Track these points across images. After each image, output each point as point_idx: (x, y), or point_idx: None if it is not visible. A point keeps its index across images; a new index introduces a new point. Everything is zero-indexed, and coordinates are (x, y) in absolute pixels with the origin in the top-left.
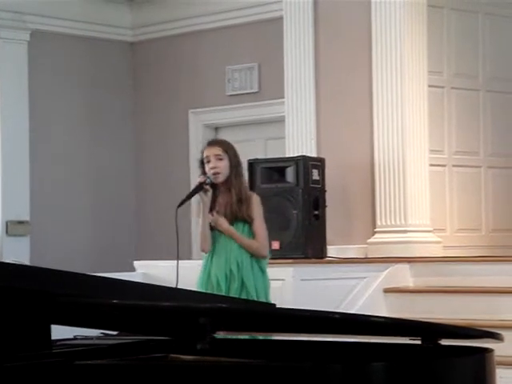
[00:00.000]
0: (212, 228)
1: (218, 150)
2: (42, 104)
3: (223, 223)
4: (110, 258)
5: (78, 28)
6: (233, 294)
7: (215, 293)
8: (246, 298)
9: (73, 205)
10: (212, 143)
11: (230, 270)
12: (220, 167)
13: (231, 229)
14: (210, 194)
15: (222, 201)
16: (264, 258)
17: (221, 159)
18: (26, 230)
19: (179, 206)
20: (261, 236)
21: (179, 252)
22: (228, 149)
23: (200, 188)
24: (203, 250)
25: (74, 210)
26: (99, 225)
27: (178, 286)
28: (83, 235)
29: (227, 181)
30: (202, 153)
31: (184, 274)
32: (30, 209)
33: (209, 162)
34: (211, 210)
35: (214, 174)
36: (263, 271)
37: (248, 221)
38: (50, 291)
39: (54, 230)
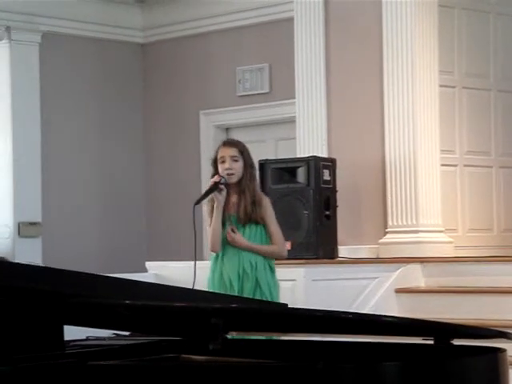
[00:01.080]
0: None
1: (233, 151)
2: (53, 105)
3: (240, 240)
4: (121, 258)
5: (89, 30)
6: (246, 293)
7: (228, 293)
8: (259, 297)
9: (84, 206)
10: (228, 144)
11: (244, 270)
12: (235, 168)
13: (249, 244)
14: (224, 193)
15: (233, 202)
16: (284, 258)
17: (236, 160)
18: (37, 231)
19: (196, 203)
20: (278, 238)
21: (191, 253)
22: (244, 150)
23: (215, 187)
24: (214, 250)
25: (86, 211)
26: (110, 226)
27: (190, 287)
28: (95, 236)
29: (240, 182)
30: (217, 152)
31: (196, 274)
32: (42, 210)
33: (223, 162)
34: (224, 211)
35: (229, 174)
36: (273, 271)
37: (260, 223)
38: (63, 292)
39: (65, 231)
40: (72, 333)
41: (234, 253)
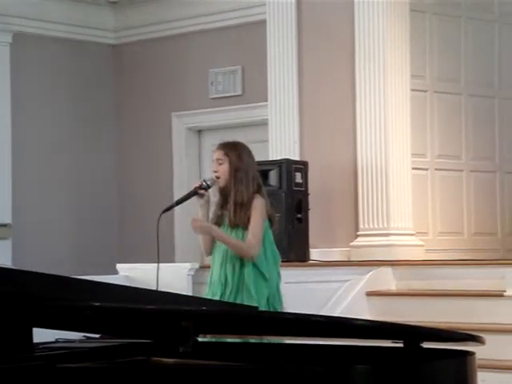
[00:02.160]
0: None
1: (219, 154)
2: (24, 106)
3: (204, 228)
4: (92, 260)
5: (61, 30)
6: (226, 298)
7: (214, 296)
8: (241, 302)
9: (55, 207)
10: (217, 146)
11: (225, 275)
12: (220, 171)
13: (215, 231)
14: (206, 198)
15: (229, 205)
16: (253, 257)
17: (221, 163)
18: (7, 232)
19: (164, 211)
20: (251, 237)
21: (162, 255)
22: (230, 152)
23: (193, 193)
24: (206, 254)
25: (56, 212)
26: (81, 227)
27: (162, 289)
28: (65, 238)
29: (228, 185)
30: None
31: (166, 276)
32: (12, 212)
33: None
34: (221, 212)
35: (216, 177)
36: (264, 276)
37: (244, 228)
38: (32, 294)
39: (36, 232)
40: (42, 335)
41: (218, 258)
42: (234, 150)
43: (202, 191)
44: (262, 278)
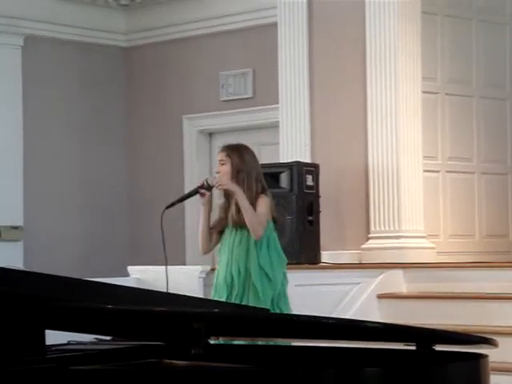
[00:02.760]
0: (221, 231)
1: (221, 155)
2: (35, 109)
3: (231, 187)
4: (104, 262)
5: (72, 33)
6: (233, 300)
7: (221, 298)
8: (246, 303)
9: (66, 210)
10: (221, 148)
11: (231, 276)
12: (221, 172)
13: (239, 194)
14: (207, 197)
15: (234, 205)
16: (259, 236)
17: (223, 164)
18: (19, 235)
19: (167, 207)
20: (258, 215)
21: (173, 256)
22: (232, 153)
23: (195, 192)
24: (202, 252)
25: (68, 214)
26: (93, 229)
27: (173, 291)
28: (77, 240)
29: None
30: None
31: (178, 279)
32: (24, 214)
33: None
34: (225, 213)
35: (218, 183)
36: (268, 277)
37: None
38: (44, 296)
39: (47, 234)
40: (54, 337)
41: (225, 256)
42: (236, 152)
43: (203, 191)
44: (267, 279)
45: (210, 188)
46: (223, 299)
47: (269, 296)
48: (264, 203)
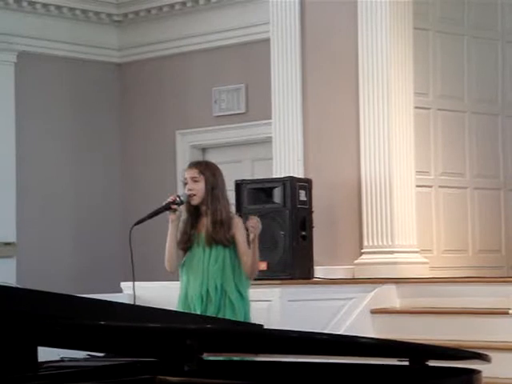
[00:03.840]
0: (186, 248)
1: (194, 173)
2: (28, 125)
3: (255, 230)
4: (96, 279)
5: (65, 49)
6: (209, 314)
7: (194, 311)
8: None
9: (59, 226)
10: (190, 165)
11: (207, 293)
12: (195, 189)
13: (255, 240)
14: (178, 213)
15: (203, 222)
16: (253, 278)
17: (196, 181)
18: (12, 251)
19: (136, 224)
20: (255, 258)
21: (164, 272)
22: (205, 170)
23: (166, 207)
24: (169, 270)
25: (61, 231)
26: (86, 246)
27: (165, 307)
28: (70, 256)
29: (204, 203)
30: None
31: (170, 295)
32: (17, 230)
33: (186, 183)
34: (191, 231)
35: (190, 196)
36: (242, 295)
37: (227, 245)
38: (37, 313)
39: (40, 251)
40: (46, 354)
41: (198, 275)
42: (209, 169)
43: (175, 206)
44: (240, 296)
45: (182, 203)
46: (198, 312)
47: (241, 313)
48: (241, 227)
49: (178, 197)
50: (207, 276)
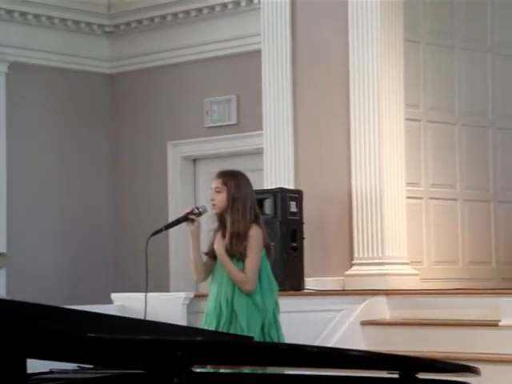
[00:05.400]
0: (214, 256)
1: (217, 183)
2: (19, 136)
3: (218, 247)
4: (87, 290)
5: (57, 60)
6: (221, 329)
7: (210, 327)
8: (234, 332)
9: (49, 237)
10: (217, 174)
11: (220, 306)
12: (216, 200)
13: (223, 256)
14: (197, 224)
15: (226, 233)
16: (248, 292)
17: (218, 192)
18: (2, 262)
19: (153, 234)
20: (248, 270)
21: (157, 282)
22: (229, 181)
23: (184, 218)
24: (196, 280)
25: (51, 242)
26: (76, 257)
27: (156, 319)
28: (60, 267)
29: (223, 214)
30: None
31: (161, 305)
32: (7, 241)
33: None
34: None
35: (213, 205)
36: (258, 307)
37: (241, 259)
38: (26, 325)
39: (30, 262)
40: (35, 366)
41: (216, 284)
42: (233, 180)
43: (193, 217)
44: (255, 307)
45: (200, 215)
46: (212, 328)
47: (257, 324)
48: (255, 237)
49: (197, 208)
50: (221, 289)
